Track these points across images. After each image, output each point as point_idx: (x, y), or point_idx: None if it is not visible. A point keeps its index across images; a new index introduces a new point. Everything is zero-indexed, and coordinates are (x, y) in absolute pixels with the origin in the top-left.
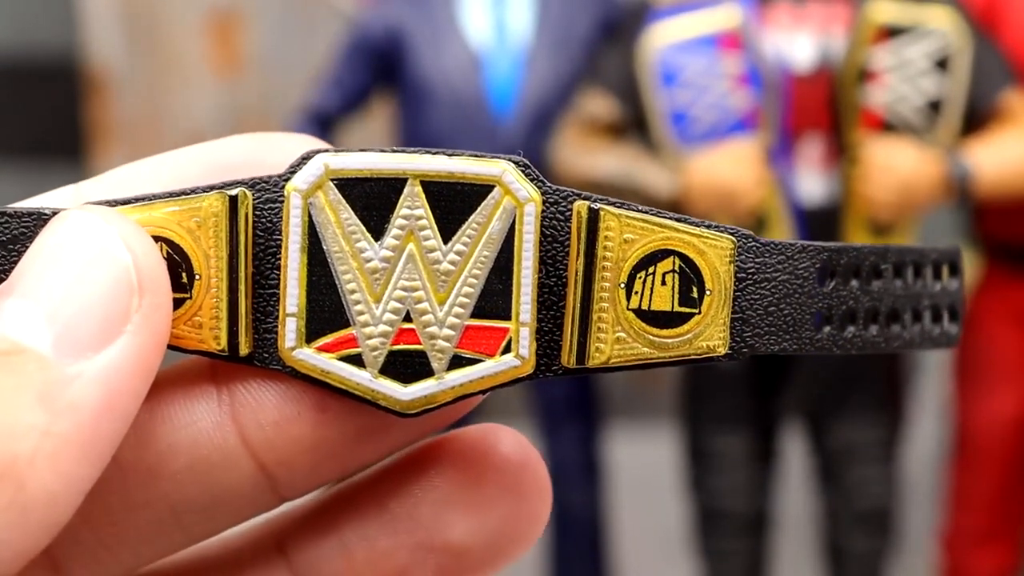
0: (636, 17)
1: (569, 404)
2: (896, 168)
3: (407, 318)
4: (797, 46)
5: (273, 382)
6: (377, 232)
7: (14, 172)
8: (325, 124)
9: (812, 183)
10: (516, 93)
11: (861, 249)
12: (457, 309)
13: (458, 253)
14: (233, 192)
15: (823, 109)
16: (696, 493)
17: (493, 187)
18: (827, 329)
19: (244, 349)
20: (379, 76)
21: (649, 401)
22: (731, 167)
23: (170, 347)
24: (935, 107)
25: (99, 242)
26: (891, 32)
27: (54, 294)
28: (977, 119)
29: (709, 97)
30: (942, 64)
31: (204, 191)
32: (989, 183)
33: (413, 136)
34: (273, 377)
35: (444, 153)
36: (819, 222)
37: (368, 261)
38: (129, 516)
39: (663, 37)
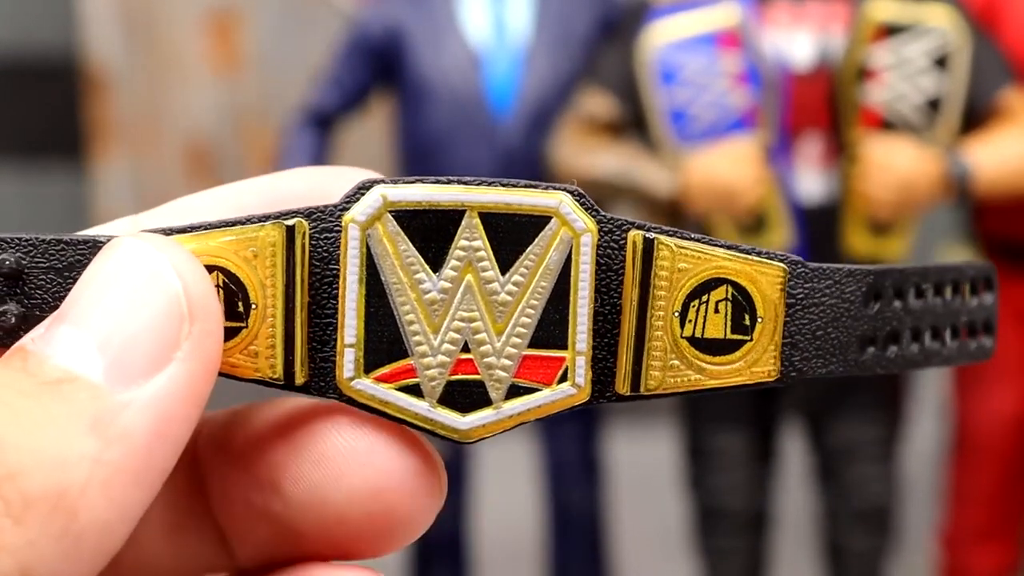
0: (635, 16)
1: None
2: (895, 166)
3: (465, 348)
4: (796, 44)
5: (228, 465)
6: (435, 263)
7: (13, 171)
8: (324, 123)
9: (811, 181)
10: (515, 92)
11: (904, 271)
12: (515, 339)
13: (516, 284)
14: (290, 222)
15: (822, 107)
16: (696, 492)
17: (551, 218)
18: (871, 350)
19: (300, 378)
20: (378, 75)
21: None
22: (730, 166)
23: (227, 375)
24: (934, 105)
25: (150, 269)
26: (890, 30)
27: (105, 322)
28: (976, 117)
29: (708, 95)
30: (941, 62)
31: (260, 220)
32: (988, 181)
33: (412, 135)
34: (229, 460)
35: (500, 184)
36: (818, 220)
37: (427, 293)
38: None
39: (662, 36)
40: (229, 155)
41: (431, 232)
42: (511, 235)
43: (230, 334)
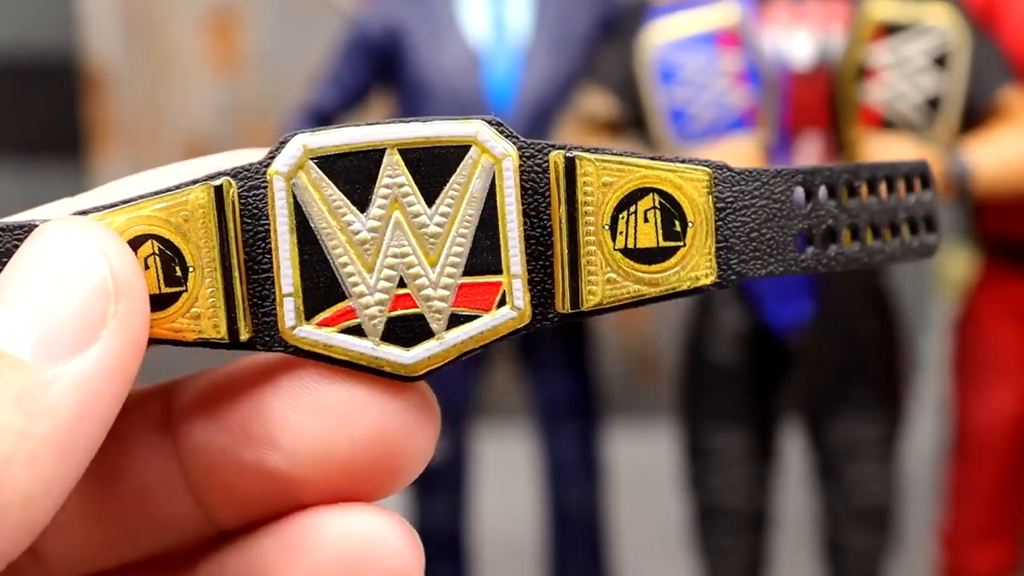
0: (635, 15)
1: (568, 402)
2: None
3: (401, 284)
4: (796, 43)
5: (207, 425)
6: (362, 204)
7: (13, 171)
8: (324, 122)
9: None
10: (515, 91)
11: (834, 169)
12: (449, 269)
13: (443, 215)
14: (217, 182)
15: (822, 106)
16: (695, 491)
17: (470, 147)
18: (810, 249)
19: (244, 335)
20: (378, 74)
21: (648, 399)
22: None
23: (171, 342)
24: (934, 104)
25: (76, 250)
26: (890, 29)
27: (32, 301)
28: (976, 116)
29: (708, 95)
30: (941, 61)
31: (188, 185)
32: (988, 180)
33: None
34: (208, 420)
35: (418, 120)
36: None
37: (356, 233)
38: (87, 523)
39: (662, 35)
40: None
41: (354, 174)
42: (433, 168)
43: (171, 299)
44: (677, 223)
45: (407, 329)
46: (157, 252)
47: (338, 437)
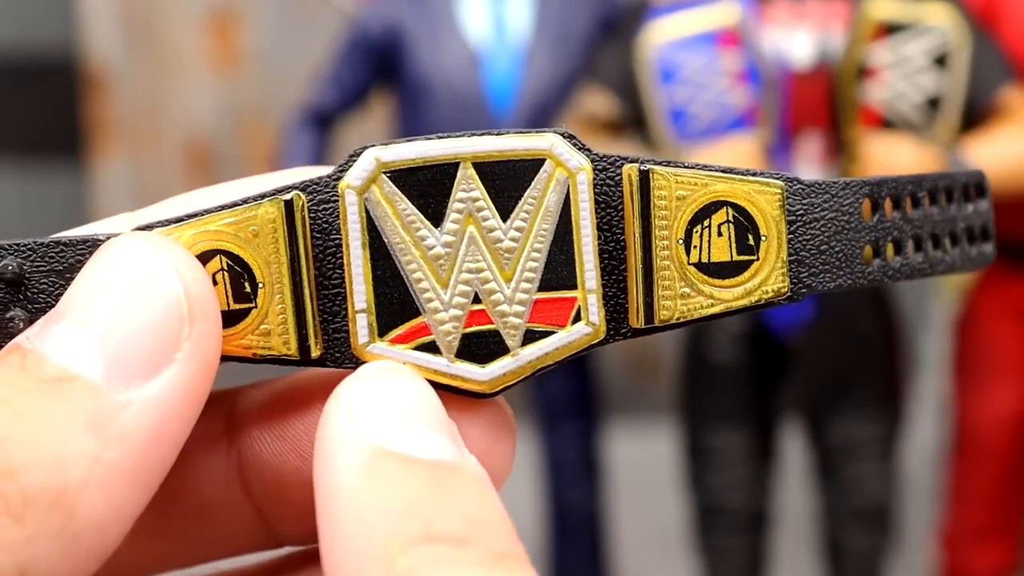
0: (635, 14)
1: (568, 401)
2: (895, 165)
3: (476, 300)
4: (796, 43)
5: (276, 443)
6: (436, 219)
7: (13, 170)
8: (324, 122)
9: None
10: (515, 91)
11: (899, 180)
12: (524, 284)
13: (518, 229)
14: (287, 196)
15: (822, 106)
16: (695, 490)
17: (544, 160)
18: (876, 261)
19: (315, 352)
20: (378, 74)
21: (648, 398)
22: (730, 164)
23: (241, 359)
24: (934, 104)
25: (150, 269)
26: (890, 29)
27: (104, 321)
28: (976, 116)
29: (708, 94)
30: (941, 61)
31: (257, 200)
32: (987, 180)
33: (411, 134)
34: (277, 438)
35: (491, 133)
36: None
37: (431, 248)
38: (141, 537)
39: (662, 34)
40: (229, 154)
41: (428, 188)
42: (507, 181)
43: (240, 316)
44: (751, 236)
45: (482, 346)
46: (226, 268)
47: None
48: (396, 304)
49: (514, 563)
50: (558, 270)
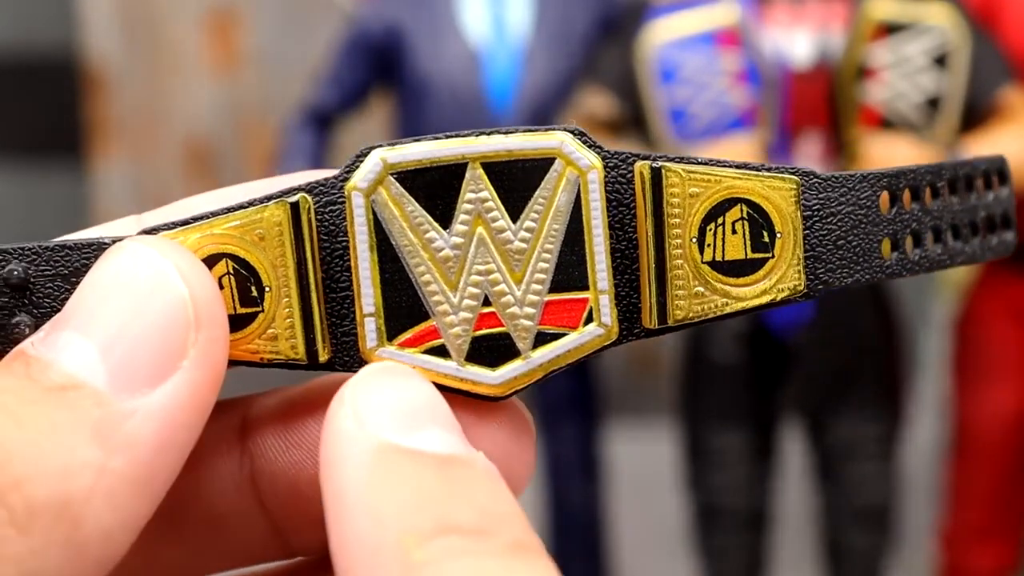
0: (634, 14)
1: (568, 401)
2: (895, 165)
3: (486, 302)
4: (796, 43)
5: (291, 451)
6: (444, 220)
7: (13, 170)
8: (324, 121)
9: None
10: (515, 90)
11: (917, 170)
12: (535, 286)
13: (528, 230)
14: (293, 199)
15: (822, 106)
16: (695, 490)
17: (554, 159)
18: (895, 254)
19: (323, 356)
20: (378, 73)
21: (648, 398)
22: None
23: (248, 363)
24: (934, 104)
25: (156, 275)
26: (890, 29)
27: (109, 328)
28: (976, 116)
29: (708, 94)
30: (941, 61)
31: (263, 202)
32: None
33: (412, 133)
34: (292, 446)
35: (499, 131)
36: None
37: (440, 251)
38: (151, 547)
39: (662, 34)
40: (229, 154)
41: (436, 189)
42: (517, 181)
43: (247, 320)
44: (766, 234)
45: (493, 349)
46: (232, 271)
47: None
48: (405, 307)
49: (531, 554)
50: (569, 271)
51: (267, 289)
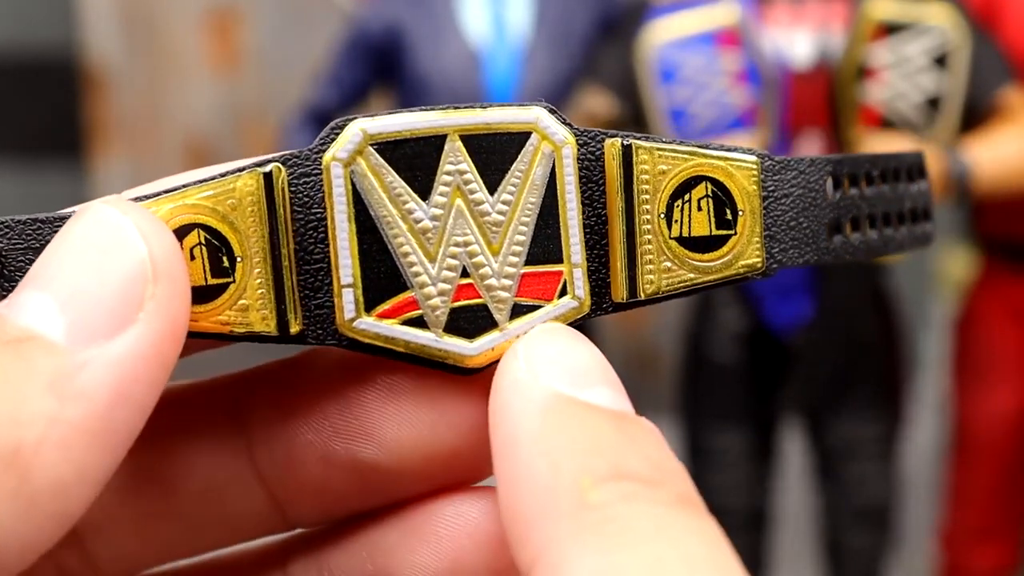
0: (635, 14)
1: None
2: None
3: (464, 273)
4: (796, 43)
5: (288, 420)
6: (423, 191)
7: (13, 170)
8: (323, 121)
9: None
10: (515, 90)
11: (858, 158)
12: (512, 258)
13: (505, 203)
14: (266, 169)
15: (822, 106)
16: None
17: (530, 133)
18: (838, 237)
19: (295, 327)
20: (378, 73)
21: (648, 398)
22: None
23: (218, 336)
24: (934, 104)
25: (115, 233)
26: (890, 29)
27: (68, 283)
28: (976, 116)
29: (708, 94)
30: (941, 61)
31: (236, 172)
32: (988, 180)
33: None
34: (289, 415)
35: (477, 105)
36: None
37: (418, 222)
38: (147, 522)
39: (662, 34)
40: (228, 153)
41: (415, 160)
42: (494, 154)
43: (218, 291)
44: (728, 211)
45: (470, 320)
46: (203, 242)
47: (443, 427)
48: (383, 278)
49: (698, 509)
50: (545, 244)
51: (239, 259)
